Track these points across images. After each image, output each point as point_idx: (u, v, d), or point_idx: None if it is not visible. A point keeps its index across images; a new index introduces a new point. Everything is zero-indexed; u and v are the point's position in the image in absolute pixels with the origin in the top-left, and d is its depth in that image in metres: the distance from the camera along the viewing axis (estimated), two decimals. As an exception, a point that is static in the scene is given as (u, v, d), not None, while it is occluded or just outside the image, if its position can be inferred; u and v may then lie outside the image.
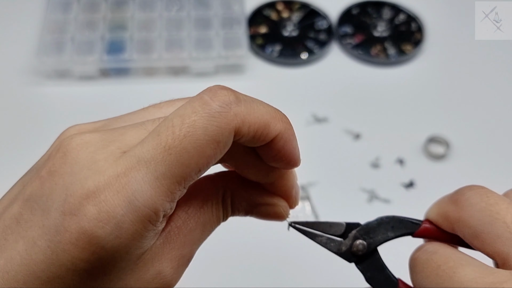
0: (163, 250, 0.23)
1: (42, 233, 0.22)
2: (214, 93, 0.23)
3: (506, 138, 0.63)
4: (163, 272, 0.24)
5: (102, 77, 0.67)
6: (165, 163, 0.21)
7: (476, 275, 0.22)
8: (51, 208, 0.22)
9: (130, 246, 0.22)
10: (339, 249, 0.28)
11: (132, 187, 0.21)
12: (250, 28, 0.72)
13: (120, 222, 0.21)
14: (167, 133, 0.22)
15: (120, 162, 0.22)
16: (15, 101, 0.65)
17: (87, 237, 0.21)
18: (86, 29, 0.69)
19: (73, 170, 0.22)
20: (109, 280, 0.22)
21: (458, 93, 0.67)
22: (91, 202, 0.21)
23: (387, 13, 0.75)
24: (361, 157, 0.60)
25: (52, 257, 0.21)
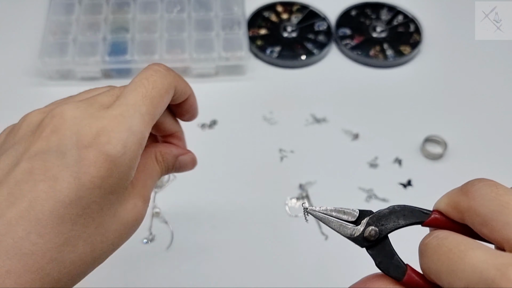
0: (134, 189, 0.33)
1: (62, 169, 0.28)
2: (157, 65, 0.34)
3: (502, 138, 0.64)
4: (137, 205, 0.33)
5: (104, 78, 0.68)
6: (145, 105, 0.31)
7: (487, 257, 0.23)
8: (65, 151, 0.29)
9: (130, 165, 0.30)
10: (352, 234, 0.29)
11: (129, 121, 0.30)
12: (250, 30, 0.73)
13: (126, 143, 0.30)
14: (141, 88, 0.32)
15: (113, 109, 0.31)
16: (18, 102, 0.66)
17: (104, 156, 0.29)
18: (88, 30, 0.70)
19: (75, 123, 0.30)
20: (111, 202, 0.30)
21: (455, 94, 0.68)
22: (101, 135, 0.29)
23: (385, 14, 0.76)
24: (359, 157, 0.61)
25: (75, 182, 0.28)
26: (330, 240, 0.55)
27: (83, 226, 0.29)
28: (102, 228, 0.30)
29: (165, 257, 0.53)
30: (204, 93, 0.67)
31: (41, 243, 0.27)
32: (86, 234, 0.29)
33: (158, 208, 0.56)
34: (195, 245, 0.54)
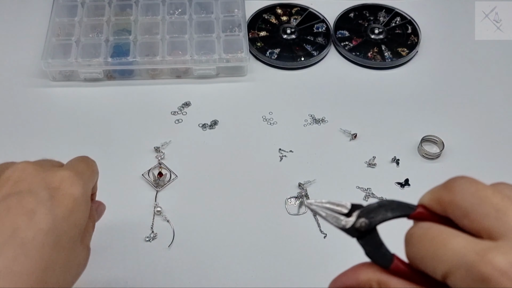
0: (85, 234, 0.38)
1: (37, 204, 0.34)
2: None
3: (498, 138, 0.64)
4: (85, 250, 0.38)
5: (106, 79, 0.69)
6: (88, 173, 0.40)
7: (467, 243, 0.25)
8: (38, 192, 0.35)
9: (87, 205, 0.38)
10: (344, 225, 0.31)
11: (83, 177, 0.38)
12: (250, 32, 0.74)
13: (84, 189, 0.37)
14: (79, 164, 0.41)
15: (67, 167, 0.40)
16: (21, 103, 0.66)
17: (69, 195, 0.36)
18: (90, 32, 0.71)
19: (39, 172, 0.37)
20: (74, 237, 0.36)
21: (452, 95, 0.69)
22: (65, 182, 0.36)
23: (383, 16, 0.76)
24: (357, 156, 0.62)
25: (50, 214, 0.34)
26: (329, 239, 0.55)
27: (58, 253, 0.34)
28: (69, 261, 0.35)
29: (167, 255, 0.54)
30: (205, 94, 0.68)
31: (28, 264, 0.31)
32: (61, 260, 0.34)
33: (160, 207, 0.57)
34: (196, 244, 0.55)
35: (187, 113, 0.66)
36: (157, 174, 0.59)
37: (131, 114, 0.65)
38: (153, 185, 0.58)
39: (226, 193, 0.59)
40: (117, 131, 0.64)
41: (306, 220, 0.57)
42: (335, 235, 0.56)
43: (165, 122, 0.65)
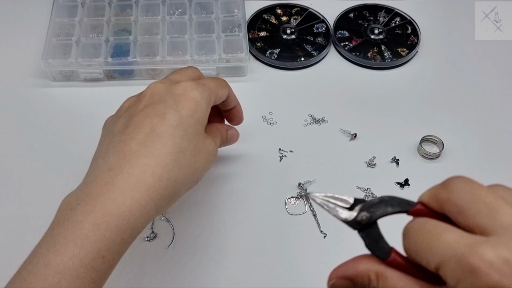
0: (208, 135, 0.49)
1: (166, 108, 0.45)
2: (217, 78, 0.52)
3: (498, 138, 0.65)
4: (211, 143, 0.48)
5: (106, 79, 0.69)
6: (213, 87, 0.49)
7: (459, 237, 0.27)
8: (165, 100, 0.45)
9: (205, 108, 0.47)
10: (346, 218, 0.32)
11: (203, 87, 0.48)
12: (250, 32, 0.74)
13: (202, 95, 0.47)
14: (210, 86, 0.49)
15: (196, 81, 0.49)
16: (21, 102, 0.67)
17: (191, 98, 0.46)
18: (90, 32, 0.71)
19: (166, 87, 0.47)
20: (198, 131, 0.46)
21: (452, 95, 0.69)
22: (187, 89, 0.46)
23: (383, 16, 0.77)
24: (357, 156, 0.62)
25: (176, 114, 0.44)
26: (329, 239, 0.55)
27: (187, 142, 0.44)
28: (198, 147, 0.45)
29: (167, 255, 0.54)
30: (205, 94, 0.68)
31: (165, 149, 0.42)
32: (190, 148, 0.44)
33: (160, 206, 0.57)
34: (196, 244, 0.55)
35: (187, 113, 0.66)
36: (157, 174, 0.59)
37: (131, 114, 0.65)
38: (153, 185, 0.59)
39: (226, 193, 0.59)
40: (117, 131, 0.64)
41: (306, 220, 0.57)
42: (335, 235, 0.56)
43: (165, 122, 0.65)
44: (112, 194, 0.39)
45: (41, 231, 0.55)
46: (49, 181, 0.59)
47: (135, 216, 0.39)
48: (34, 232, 0.55)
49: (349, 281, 0.32)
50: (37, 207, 0.57)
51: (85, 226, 0.38)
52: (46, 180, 0.59)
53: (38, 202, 0.58)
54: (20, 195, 0.58)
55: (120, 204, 0.39)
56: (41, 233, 0.55)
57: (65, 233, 0.38)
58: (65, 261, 0.36)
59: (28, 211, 0.57)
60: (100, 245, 0.37)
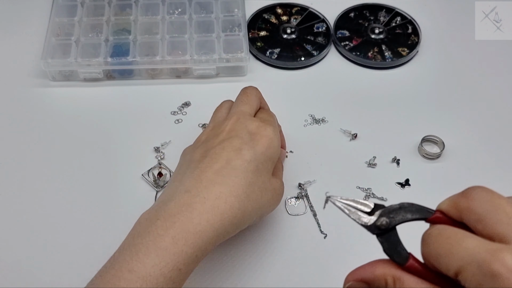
0: (275, 174, 0.51)
1: (242, 144, 0.48)
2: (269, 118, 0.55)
3: (499, 138, 0.64)
4: (278, 180, 0.51)
5: (106, 79, 0.69)
6: (274, 122, 0.55)
7: (480, 243, 0.28)
8: (242, 136, 0.49)
9: (278, 144, 0.51)
10: (366, 223, 0.33)
11: (273, 123, 0.52)
12: (250, 32, 0.74)
13: (275, 132, 0.51)
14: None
15: (262, 116, 0.54)
16: (21, 102, 0.66)
17: (265, 136, 0.49)
18: (90, 32, 0.71)
19: (242, 122, 0.51)
20: (268, 168, 0.49)
21: (453, 94, 0.69)
22: (261, 128, 0.50)
23: (383, 16, 0.76)
24: (358, 156, 0.62)
25: (251, 150, 0.48)
26: (329, 239, 0.55)
27: (257, 177, 0.47)
28: (265, 184, 0.48)
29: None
30: (205, 94, 0.68)
31: (237, 181, 0.45)
32: (259, 183, 0.47)
33: (160, 207, 0.57)
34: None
35: (187, 113, 0.66)
36: (157, 174, 0.59)
37: (131, 114, 0.65)
38: (153, 185, 0.58)
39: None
40: (116, 131, 0.64)
41: (306, 220, 0.57)
42: (336, 236, 0.56)
43: (165, 122, 0.65)
44: (190, 214, 0.42)
45: (40, 230, 0.55)
46: (48, 181, 0.59)
47: (208, 236, 0.42)
48: (33, 232, 0.55)
49: (366, 284, 0.33)
50: (36, 207, 0.57)
51: (165, 240, 0.41)
52: (46, 180, 0.59)
53: (38, 201, 0.57)
54: (19, 195, 0.58)
55: (196, 224, 0.42)
56: (40, 232, 0.55)
57: (147, 244, 0.41)
58: (148, 269, 0.39)
59: (27, 210, 0.57)
60: (179, 258, 0.40)
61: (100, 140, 0.63)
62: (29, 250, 0.54)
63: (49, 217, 0.56)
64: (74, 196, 0.58)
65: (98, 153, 0.62)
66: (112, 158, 0.61)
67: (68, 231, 0.55)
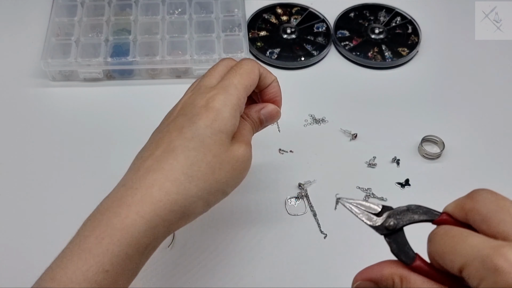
0: (237, 138, 0.45)
1: (185, 121, 0.43)
2: (247, 59, 0.49)
3: (499, 138, 0.64)
4: (241, 147, 0.45)
5: (106, 79, 0.69)
6: (239, 81, 0.45)
7: (484, 240, 0.29)
8: (186, 113, 0.44)
9: (230, 114, 0.43)
10: (375, 223, 0.34)
11: (227, 90, 0.44)
12: (250, 32, 0.74)
13: (225, 101, 0.43)
14: (233, 68, 0.48)
15: (216, 87, 0.45)
16: (21, 102, 0.66)
17: (210, 109, 0.43)
18: (90, 32, 0.71)
19: (191, 99, 0.46)
20: (222, 139, 0.43)
21: (453, 94, 0.69)
22: (209, 100, 0.44)
23: (383, 16, 0.76)
24: (358, 156, 0.62)
25: (191, 126, 0.42)
26: (329, 239, 0.55)
27: (203, 154, 0.42)
28: (219, 158, 0.42)
29: (167, 255, 0.54)
30: (205, 94, 0.68)
31: (176, 163, 0.41)
32: (207, 159, 0.42)
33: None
34: (196, 244, 0.54)
35: (187, 113, 0.66)
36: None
37: (130, 114, 0.65)
38: (153, 185, 0.58)
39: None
40: (116, 131, 0.64)
41: (306, 221, 0.57)
42: (335, 236, 0.56)
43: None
44: (118, 209, 0.39)
45: (39, 231, 0.55)
46: (48, 180, 0.59)
47: (139, 230, 0.39)
48: (31, 231, 0.55)
49: (374, 283, 0.33)
50: (36, 207, 0.57)
51: (89, 240, 0.38)
52: (45, 180, 0.59)
53: (36, 201, 0.57)
54: (19, 194, 0.58)
55: (123, 218, 0.39)
56: (40, 232, 0.55)
57: (72, 247, 0.38)
58: (69, 275, 0.37)
59: (27, 210, 0.57)
60: (103, 258, 0.37)
61: (99, 140, 0.63)
62: (29, 250, 0.54)
63: (48, 217, 0.56)
64: (73, 196, 0.58)
65: (97, 153, 0.62)
66: (111, 158, 0.61)
67: (68, 232, 0.55)
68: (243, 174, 0.45)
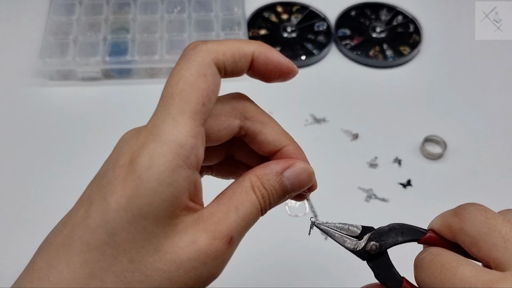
0: (196, 224, 0.27)
1: (97, 191, 0.27)
2: (187, 47, 0.27)
3: (501, 138, 0.64)
4: (197, 241, 0.26)
5: (104, 78, 0.68)
6: (173, 105, 0.25)
7: (475, 273, 0.26)
8: (105, 173, 0.27)
9: (164, 181, 0.25)
10: (355, 248, 0.31)
11: (158, 129, 0.25)
12: (250, 30, 0.73)
13: (152, 155, 0.25)
14: (168, 86, 0.26)
15: (150, 121, 0.27)
16: (18, 102, 0.66)
17: (130, 172, 0.25)
18: (88, 31, 0.70)
19: (123, 143, 0.29)
20: (147, 231, 0.25)
21: (455, 94, 0.68)
22: (135, 151, 0.26)
23: (385, 15, 0.76)
24: (359, 156, 0.61)
25: (102, 204, 0.25)
26: (330, 240, 0.55)
27: (112, 258, 0.25)
28: (140, 264, 0.25)
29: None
30: (204, 93, 0.67)
31: (66, 272, 0.25)
32: (117, 268, 0.25)
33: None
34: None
35: (186, 112, 0.65)
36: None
37: (129, 114, 0.65)
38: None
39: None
40: (115, 131, 0.63)
41: (306, 221, 0.56)
42: (336, 237, 0.56)
43: (163, 122, 0.64)
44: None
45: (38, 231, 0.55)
46: (46, 180, 0.59)
47: None
48: (32, 232, 0.55)
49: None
50: (34, 207, 0.56)
51: None
52: (42, 179, 0.59)
53: (35, 201, 0.57)
54: (17, 194, 0.58)
55: None
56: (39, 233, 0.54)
57: None
58: None
59: (26, 210, 0.56)
60: None
61: (98, 140, 0.62)
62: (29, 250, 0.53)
63: (47, 217, 0.56)
64: (72, 195, 0.57)
65: (96, 153, 0.61)
66: (110, 158, 0.60)
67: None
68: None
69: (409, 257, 0.30)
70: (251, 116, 0.31)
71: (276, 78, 0.32)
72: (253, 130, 0.30)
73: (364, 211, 0.57)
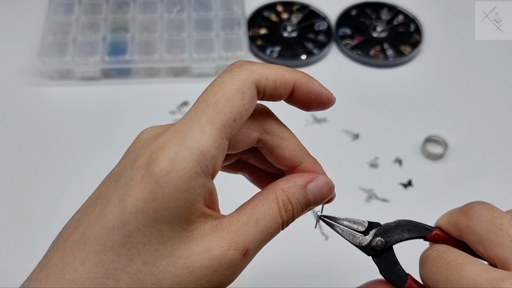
0: (213, 232, 0.27)
1: (113, 191, 0.26)
2: (234, 63, 0.29)
3: (502, 138, 0.64)
4: (212, 250, 0.26)
5: (103, 78, 0.68)
6: (205, 114, 0.26)
7: (480, 271, 0.26)
8: (122, 173, 0.27)
9: (182, 187, 0.25)
10: (360, 243, 0.32)
11: (183, 134, 0.26)
12: (250, 30, 0.73)
13: (173, 160, 0.25)
14: (203, 95, 0.28)
15: (175, 124, 0.27)
16: (17, 102, 0.66)
17: (148, 176, 0.25)
18: (87, 30, 0.70)
19: (141, 143, 0.28)
20: (162, 234, 0.26)
21: (456, 94, 0.68)
22: (153, 154, 0.26)
23: (385, 14, 0.76)
24: (359, 157, 0.61)
25: (119, 205, 0.26)
26: (330, 240, 0.55)
27: (127, 259, 0.26)
28: (153, 267, 0.26)
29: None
30: (204, 93, 0.67)
31: (82, 271, 0.26)
32: (131, 269, 0.26)
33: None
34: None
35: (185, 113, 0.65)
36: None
37: (128, 114, 0.65)
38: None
39: (226, 193, 0.58)
40: (114, 130, 0.63)
41: (306, 221, 0.56)
42: (336, 237, 0.55)
43: (163, 122, 0.63)
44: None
45: (38, 231, 0.55)
46: (44, 180, 0.58)
47: None
48: (28, 231, 0.55)
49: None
50: (32, 207, 0.56)
51: None
52: (42, 180, 0.58)
53: (34, 201, 0.57)
54: (17, 194, 0.57)
55: None
56: (39, 233, 0.54)
57: None
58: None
59: (25, 210, 0.56)
60: None
61: (97, 140, 0.62)
62: (28, 250, 0.53)
63: (45, 217, 0.56)
64: (72, 195, 0.57)
65: (95, 153, 0.61)
66: (110, 158, 0.60)
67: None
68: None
69: (415, 254, 0.30)
70: (271, 130, 0.31)
71: (315, 108, 0.33)
72: (271, 144, 0.31)
73: (364, 212, 0.57)
